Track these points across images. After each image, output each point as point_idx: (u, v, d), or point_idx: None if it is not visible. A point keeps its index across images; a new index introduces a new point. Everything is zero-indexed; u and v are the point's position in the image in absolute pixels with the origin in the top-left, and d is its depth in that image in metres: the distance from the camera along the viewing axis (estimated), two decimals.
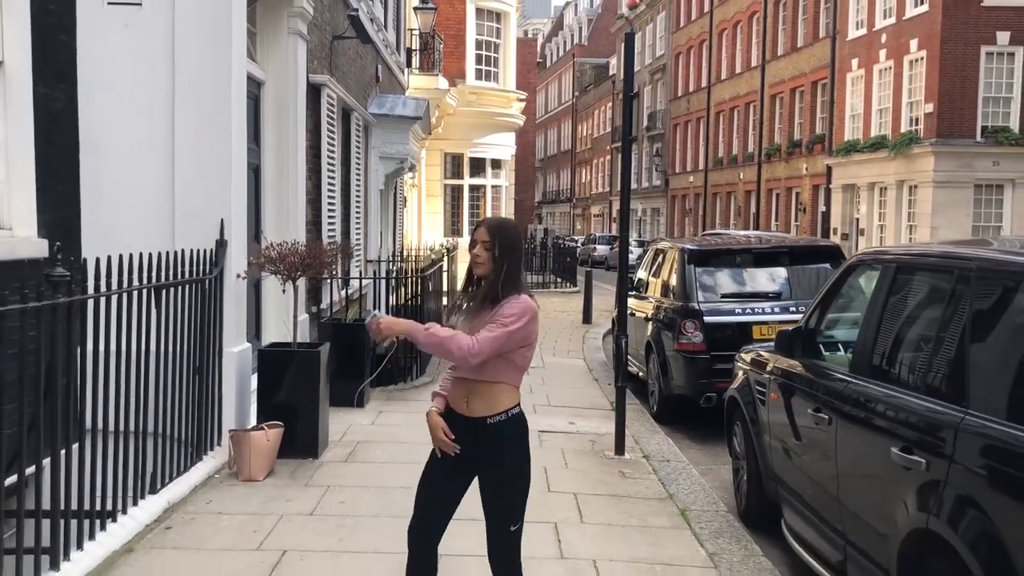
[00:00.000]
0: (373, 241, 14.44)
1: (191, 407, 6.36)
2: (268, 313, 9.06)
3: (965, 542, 3.32)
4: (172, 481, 6.05)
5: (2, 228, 5.81)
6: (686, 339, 9.08)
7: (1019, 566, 3.07)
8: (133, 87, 6.90)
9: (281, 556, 5.02)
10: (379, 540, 5.30)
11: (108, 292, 5.09)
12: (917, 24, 26.49)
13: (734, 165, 41.39)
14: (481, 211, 25.77)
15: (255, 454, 6.45)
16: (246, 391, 7.31)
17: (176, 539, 5.28)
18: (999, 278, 3.61)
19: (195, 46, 6.92)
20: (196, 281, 6.37)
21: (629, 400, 9.44)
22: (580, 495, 6.41)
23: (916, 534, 3.70)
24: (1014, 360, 3.36)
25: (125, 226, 6.77)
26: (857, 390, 4.45)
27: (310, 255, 7.37)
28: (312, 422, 7.12)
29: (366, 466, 7.00)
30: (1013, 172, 25.38)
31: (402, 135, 15.00)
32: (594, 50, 72.41)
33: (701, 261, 9.57)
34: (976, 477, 3.38)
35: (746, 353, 6.68)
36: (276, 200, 9.17)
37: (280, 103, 9.16)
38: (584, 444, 8.00)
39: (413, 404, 9.45)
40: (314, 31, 10.04)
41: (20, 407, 4.35)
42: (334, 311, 10.51)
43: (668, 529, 5.79)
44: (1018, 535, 3.11)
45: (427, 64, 21.61)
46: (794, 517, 5.39)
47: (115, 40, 6.87)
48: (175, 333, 6.05)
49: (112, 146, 6.85)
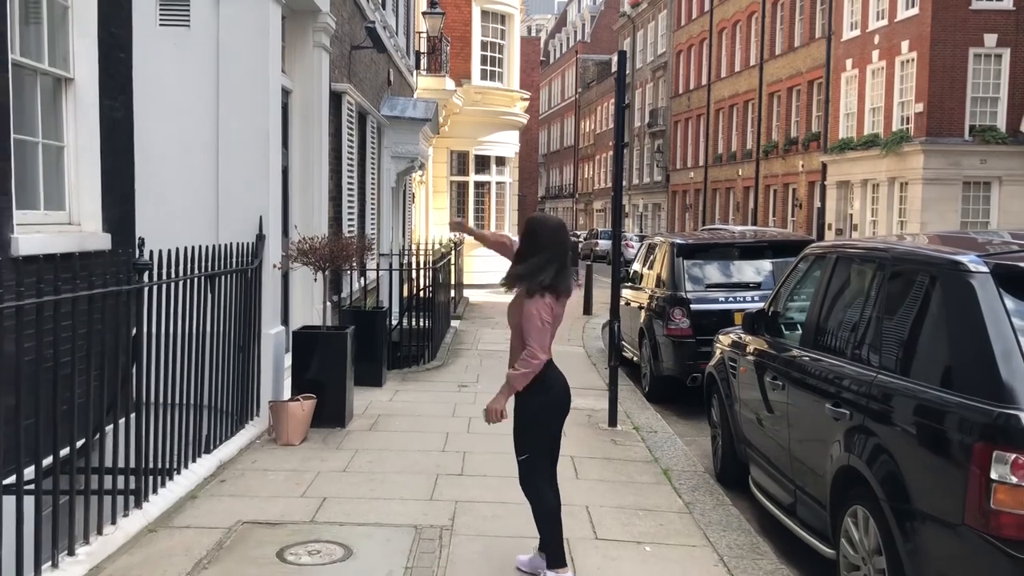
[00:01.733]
0: (386, 235, 15.36)
1: (236, 381, 7.28)
2: (295, 300, 9.97)
3: (873, 472, 4.25)
4: (222, 444, 6.98)
5: (72, 224, 6.73)
6: (674, 325, 10.00)
7: (909, 487, 3.98)
8: (181, 98, 7.79)
9: (322, 502, 5.94)
10: (403, 490, 6.22)
11: (175, 279, 6.00)
12: (908, 26, 27.34)
13: (733, 162, 42.25)
14: (486, 207, 26.66)
15: (292, 422, 7.38)
16: (280, 368, 8.24)
17: (231, 489, 6.21)
18: (903, 267, 4.53)
19: (236, 62, 7.81)
20: (240, 271, 7.28)
21: (624, 382, 10.39)
22: (576, 458, 7.33)
23: (842, 471, 4.62)
24: (907, 329, 4.29)
25: (174, 222, 7.64)
26: (803, 360, 5.38)
27: (337, 248, 8.28)
28: (340, 395, 8.04)
29: (388, 434, 7.93)
30: (1000, 170, 26.26)
31: (413, 136, 15.91)
32: (597, 47, 73.23)
33: (689, 254, 10.50)
34: (881, 421, 4.30)
35: (723, 335, 7.59)
36: (302, 198, 10.07)
37: (306, 110, 10.06)
38: (581, 418, 8.91)
39: (426, 384, 10.40)
40: (335, 43, 10.94)
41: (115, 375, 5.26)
42: (353, 299, 11.43)
43: (651, 484, 6.72)
44: (908, 462, 4.03)
45: (435, 66, 22.48)
46: (758, 472, 6.31)
47: (166, 57, 7.77)
48: (224, 316, 6.96)
49: (163, 151, 7.75)
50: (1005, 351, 3.63)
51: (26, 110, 6.06)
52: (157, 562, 4.84)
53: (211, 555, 4.96)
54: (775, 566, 5.20)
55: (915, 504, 3.93)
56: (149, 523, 5.38)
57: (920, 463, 3.97)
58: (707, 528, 5.77)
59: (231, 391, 7.20)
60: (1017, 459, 3.41)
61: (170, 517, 5.55)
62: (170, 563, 4.83)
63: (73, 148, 6.67)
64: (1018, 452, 3.41)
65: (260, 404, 7.81)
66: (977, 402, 3.64)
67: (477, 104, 25.73)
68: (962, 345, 3.88)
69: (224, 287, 6.97)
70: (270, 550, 5.04)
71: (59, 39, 6.56)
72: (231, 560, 4.90)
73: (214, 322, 6.79)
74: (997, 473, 3.45)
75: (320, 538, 5.25)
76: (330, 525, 5.49)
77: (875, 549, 4.25)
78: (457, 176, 26.47)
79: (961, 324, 3.89)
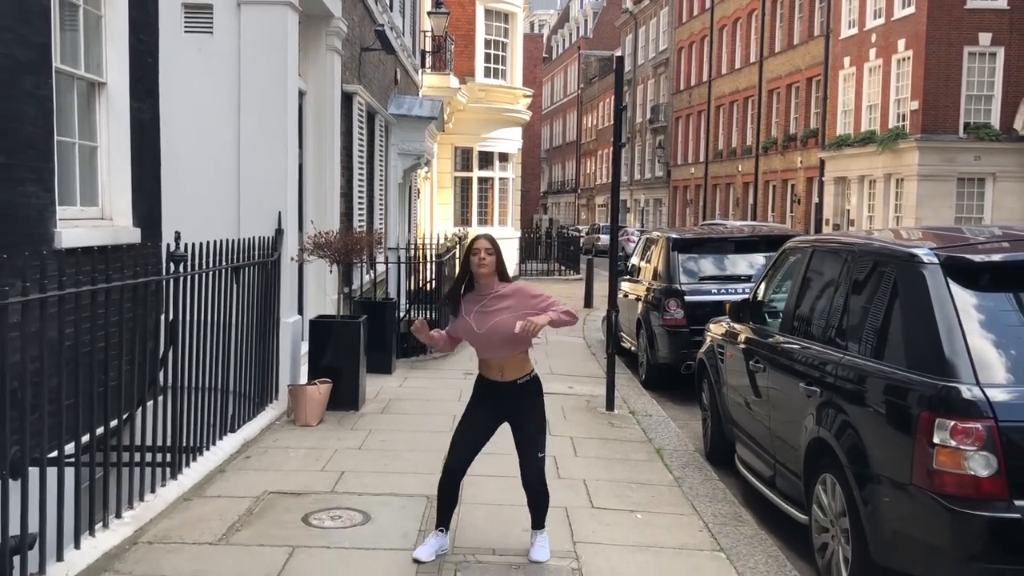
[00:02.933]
0: (393, 230, 15.88)
1: (257, 366, 7.79)
2: (308, 291, 10.48)
3: (839, 443, 4.76)
4: (245, 424, 7.50)
5: (105, 219, 7.23)
6: (669, 315, 10.52)
7: (868, 454, 4.50)
8: (205, 101, 8.28)
9: (341, 475, 6.46)
10: (414, 465, 6.74)
11: (206, 270, 6.50)
12: (904, 25, 27.81)
13: (733, 158, 42.74)
14: (489, 202, 27.15)
15: (310, 404, 7.90)
16: (297, 354, 8.76)
17: (256, 464, 6.73)
18: (867, 259, 5.04)
19: (257, 67, 8.30)
20: (262, 263, 7.79)
21: (622, 371, 10.92)
22: (575, 438, 7.85)
23: (813, 443, 5.13)
24: (869, 314, 4.80)
25: (198, 217, 8.12)
26: (781, 344, 5.90)
27: (350, 242, 8.79)
28: (354, 380, 8.56)
29: (399, 416, 8.46)
30: (993, 166, 26.75)
31: (419, 133, 16.42)
32: (599, 43, 73.65)
33: (684, 248, 11.02)
34: (845, 397, 4.81)
35: (713, 324, 8.10)
36: (315, 194, 10.58)
37: (319, 110, 10.56)
38: (580, 403, 9.43)
39: (433, 372, 10.94)
40: (346, 45, 11.44)
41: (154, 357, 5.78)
42: (364, 291, 11.95)
43: (645, 461, 7.23)
44: (868, 432, 4.55)
45: (439, 64, 22.96)
46: (743, 449, 6.82)
47: (191, 62, 8.26)
48: (247, 305, 7.47)
49: (188, 150, 8.24)
50: (948, 332, 4.14)
51: (64, 113, 6.56)
52: (195, 525, 5.36)
53: (242, 519, 5.48)
54: (755, 531, 5.72)
55: (873, 469, 4.44)
56: (184, 493, 5.90)
57: (877, 432, 4.48)
58: (695, 499, 6.29)
59: (253, 375, 7.70)
60: (956, 425, 3.92)
61: (202, 488, 6.07)
62: (206, 526, 5.35)
63: (105, 148, 7.17)
64: (956, 419, 3.92)
65: (279, 388, 8.32)
66: (925, 377, 4.15)
67: (481, 101, 26.20)
68: (913, 327, 4.40)
69: (247, 278, 7.47)
70: (296, 515, 5.56)
71: (93, 46, 7.04)
72: (261, 524, 5.42)
73: (238, 310, 7.30)
74: (939, 438, 3.96)
75: (341, 505, 5.77)
76: (349, 495, 6.01)
77: (841, 512, 4.76)
78: (461, 172, 26.96)
79: (913, 309, 4.40)
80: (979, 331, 4.14)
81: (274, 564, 4.80)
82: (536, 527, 5.11)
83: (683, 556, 5.21)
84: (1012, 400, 3.93)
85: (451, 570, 4.84)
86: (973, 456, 3.89)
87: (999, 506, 3.87)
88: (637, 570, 4.96)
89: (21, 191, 5.68)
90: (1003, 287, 4.33)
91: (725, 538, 5.53)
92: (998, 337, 4.14)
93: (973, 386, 3.96)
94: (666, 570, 4.99)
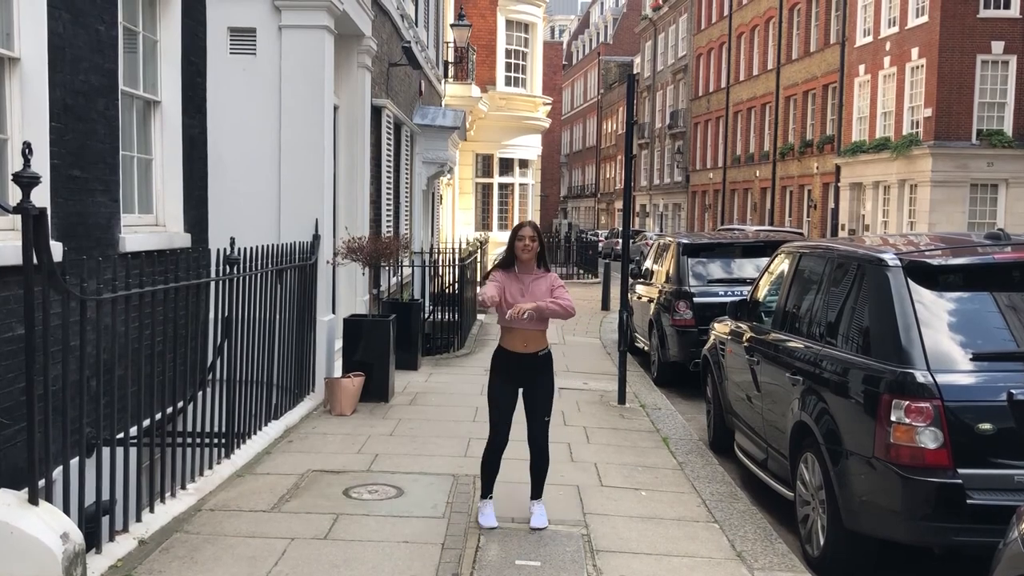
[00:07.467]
0: (417, 235, 16.61)
1: (296, 360, 8.51)
2: (340, 292, 11.20)
3: (817, 424, 5.41)
4: (286, 413, 8.21)
5: (159, 225, 7.97)
6: (679, 316, 11.17)
7: (841, 432, 5.14)
8: (248, 116, 9.00)
9: (375, 457, 7.16)
10: (440, 449, 7.45)
11: (255, 271, 7.22)
12: (918, 33, 28.30)
13: (751, 163, 43.25)
14: (509, 208, 27.87)
15: (345, 395, 8.61)
16: (332, 350, 9.48)
17: (298, 447, 7.44)
18: (843, 262, 5.69)
19: (296, 85, 9.02)
20: (301, 266, 8.51)
21: (635, 369, 11.58)
22: (588, 428, 8.52)
23: (797, 426, 5.78)
24: (843, 311, 5.45)
25: (241, 223, 8.83)
26: (773, 339, 6.55)
27: (380, 247, 9.50)
28: (384, 374, 9.27)
29: (426, 407, 9.16)
30: (1006, 172, 27.18)
31: (442, 142, 17.16)
32: (619, 49, 74.26)
33: (693, 253, 11.68)
34: (823, 384, 5.46)
35: (717, 323, 8.75)
36: (347, 202, 11.30)
37: (350, 123, 11.29)
38: (594, 397, 10.10)
39: (456, 368, 11.64)
40: (375, 62, 12.17)
41: (206, 348, 6.50)
42: (391, 292, 12.67)
43: (652, 448, 7.89)
44: (840, 414, 5.20)
45: (461, 74, 23.71)
46: (741, 436, 7.47)
47: (236, 80, 8.99)
48: (288, 304, 8.19)
49: (232, 162, 8.96)
50: (906, 325, 4.79)
51: (124, 129, 7.29)
52: (249, 496, 6.07)
53: (290, 492, 6.18)
54: (747, 507, 6.37)
55: (845, 446, 5.09)
56: (236, 470, 6.62)
57: (848, 414, 5.13)
58: (695, 480, 6.95)
59: (292, 368, 8.42)
60: (909, 405, 4.57)
61: (252, 467, 6.78)
62: (260, 497, 6.06)
63: (160, 160, 7.91)
64: (910, 400, 4.57)
65: (315, 381, 9.04)
66: (886, 365, 4.80)
67: (501, 109, 26.92)
68: (878, 322, 5.05)
69: (288, 280, 8.18)
70: (337, 489, 6.26)
71: (149, 68, 7.79)
72: (307, 496, 6.12)
73: (280, 309, 8.01)
74: (895, 416, 4.62)
75: (376, 482, 6.47)
76: (383, 473, 6.71)
77: (819, 485, 5.41)
78: (482, 178, 27.68)
79: (878, 306, 5.05)
80: (933, 324, 4.79)
81: (321, 527, 5.50)
82: (535, 496, 5.81)
83: (680, 525, 5.87)
84: (956, 383, 4.58)
85: (476, 534, 5.52)
86: (923, 431, 4.54)
87: (945, 473, 4.52)
88: (638, 535, 5.62)
89: (92, 201, 6.43)
90: (956, 288, 4.98)
91: (720, 512, 6.18)
92: (949, 330, 4.79)
93: (926, 372, 4.61)
94: (664, 536, 5.65)
